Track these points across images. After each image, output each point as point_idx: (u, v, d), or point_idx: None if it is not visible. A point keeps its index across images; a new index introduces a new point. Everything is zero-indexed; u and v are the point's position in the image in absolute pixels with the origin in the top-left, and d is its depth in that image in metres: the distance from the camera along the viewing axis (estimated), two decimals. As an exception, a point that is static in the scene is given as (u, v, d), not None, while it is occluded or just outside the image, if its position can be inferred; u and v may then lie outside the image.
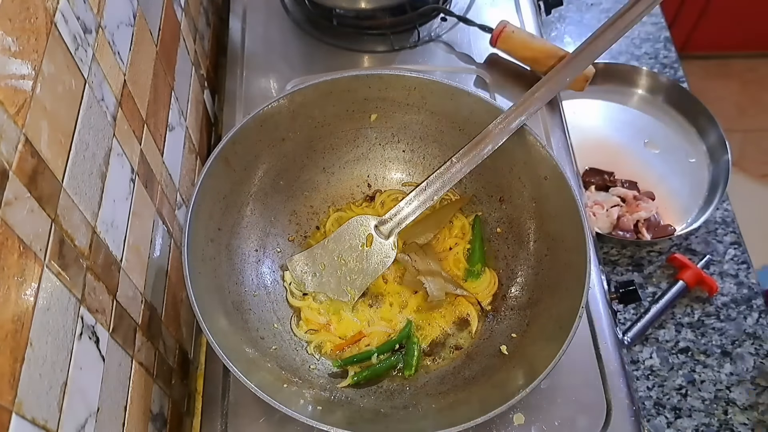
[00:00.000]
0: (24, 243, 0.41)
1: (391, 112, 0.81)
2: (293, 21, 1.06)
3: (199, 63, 0.93)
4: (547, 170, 0.73)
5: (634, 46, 1.23)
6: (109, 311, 0.55)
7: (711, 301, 0.94)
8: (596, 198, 1.04)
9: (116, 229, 0.58)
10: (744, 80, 2.36)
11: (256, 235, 0.79)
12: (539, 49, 0.95)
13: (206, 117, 0.96)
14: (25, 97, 0.43)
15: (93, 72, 0.54)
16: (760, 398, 0.86)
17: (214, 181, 0.71)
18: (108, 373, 0.54)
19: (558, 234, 0.73)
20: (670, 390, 0.87)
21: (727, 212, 1.03)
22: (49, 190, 0.46)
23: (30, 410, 0.41)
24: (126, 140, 0.61)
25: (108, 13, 0.59)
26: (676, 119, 1.14)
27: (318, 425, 0.59)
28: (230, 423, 0.70)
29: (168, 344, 0.70)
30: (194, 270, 0.65)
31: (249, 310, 0.73)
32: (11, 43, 0.42)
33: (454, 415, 0.63)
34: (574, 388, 0.72)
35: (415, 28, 1.03)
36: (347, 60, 1.01)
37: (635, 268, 0.97)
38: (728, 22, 2.14)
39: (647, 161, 1.10)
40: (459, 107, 0.78)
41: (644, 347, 0.90)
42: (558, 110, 0.95)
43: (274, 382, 0.66)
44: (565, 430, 0.70)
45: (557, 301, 0.69)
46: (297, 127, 0.79)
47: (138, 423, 0.60)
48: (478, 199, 0.83)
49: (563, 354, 0.61)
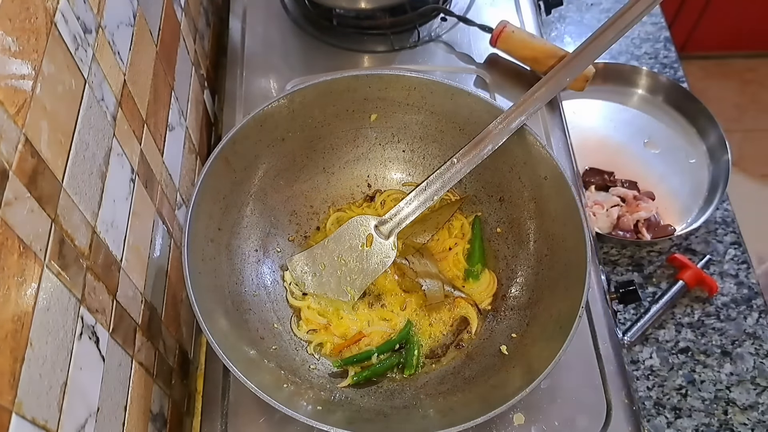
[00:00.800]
0: (24, 243, 0.41)
1: (391, 112, 0.81)
2: (293, 21, 1.06)
3: (199, 63, 0.93)
4: (547, 170, 0.73)
5: (634, 46, 1.23)
6: (109, 311, 0.55)
7: (711, 301, 0.94)
8: (596, 198, 1.04)
9: (116, 229, 0.58)
10: (744, 80, 2.36)
11: (256, 235, 0.79)
12: (539, 49, 0.95)
13: (206, 117, 0.96)
14: (25, 97, 0.43)
15: (93, 72, 0.54)
16: (760, 398, 0.86)
17: (214, 181, 0.71)
18: (108, 373, 0.54)
19: (558, 234, 0.73)
20: (670, 390, 0.87)
21: (727, 212, 1.03)
22: (49, 190, 0.46)
23: (30, 410, 0.41)
24: (126, 140, 0.61)
25: (108, 13, 0.59)
26: (676, 119, 1.14)
27: (318, 425, 0.59)
28: (230, 423, 0.70)
29: (168, 344, 0.70)
30: (194, 270, 0.65)
31: (249, 310, 0.73)
32: (11, 42, 0.42)
33: (454, 415, 0.63)
34: (574, 388, 0.72)
35: (415, 28, 1.03)
36: (347, 60, 1.01)
37: (635, 268, 0.97)
38: (728, 22, 2.14)
39: (647, 161, 1.10)
40: (459, 107, 0.78)
41: (644, 347, 0.90)
42: (558, 110, 0.95)
43: (274, 382, 0.66)
44: (565, 430, 0.70)
45: (557, 301, 0.69)
46: (297, 127, 0.79)
47: (138, 423, 0.60)
48: (478, 199, 0.83)
49: (563, 354, 0.61)
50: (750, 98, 2.33)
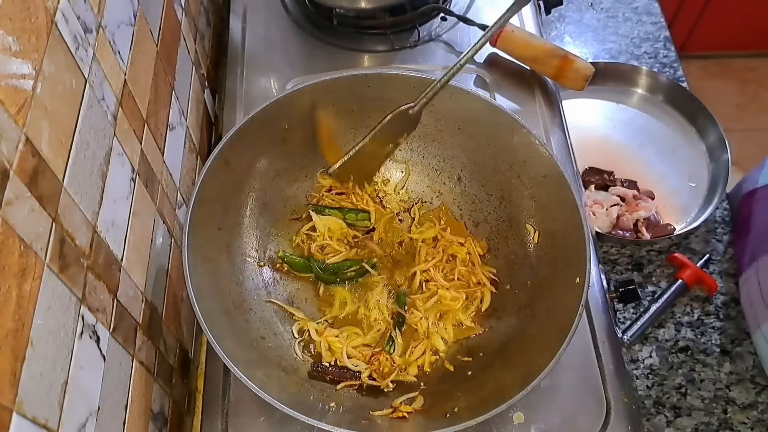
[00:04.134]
0: (25, 242, 0.42)
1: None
2: (293, 21, 1.06)
3: (199, 62, 0.94)
4: (546, 169, 0.73)
5: (634, 46, 1.23)
6: (109, 310, 0.55)
7: (711, 300, 0.94)
8: (596, 197, 1.04)
9: (117, 228, 0.58)
10: (743, 80, 2.36)
11: (256, 235, 0.79)
12: (539, 49, 0.95)
13: (207, 116, 0.96)
14: (26, 97, 0.43)
15: (93, 71, 0.54)
16: (759, 397, 0.86)
17: (214, 181, 0.71)
18: (109, 372, 0.54)
19: (558, 233, 0.73)
20: (670, 389, 0.87)
21: (726, 211, 1.03)
22: (50, 190, 0.46)
23: (31, 409, 0.41)
24: (126, 140, 0.61)
25: (108, 13, 0.59)
26: (675, 119, 1.14)
27: (318, 424, 0.59)
28: (231, 422, 0.70)
29: (168, 343, 0.70)
30: (194, 270, 0.65)
31: (249, 310, 0.74)
32: (12, 42, 0.42)
33: (454, 414, 0.63)
34: (574, 388, 0.72)
35: (415, 27, 1.03)
36: (347, 59, 1.01)
37: (635, 268, 0.97)
38: (728, 22, 2.14)
39: (647, 160, 1.10)
40: (458, 106, 0.78)
41: (644, 346, 0.90)
42: (558, 110, 0.95)
43: (274, 381, 0.66)
44: (564, 429, 0.70)
45: (557, 301, 0.69)
46: (297, 127, 0.79)
47: (138, 422, 0.60)
48: (478, 198, 0.83)
49: (563, 353, 0.61)
50: (750, 98, 2.33)
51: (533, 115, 0.94)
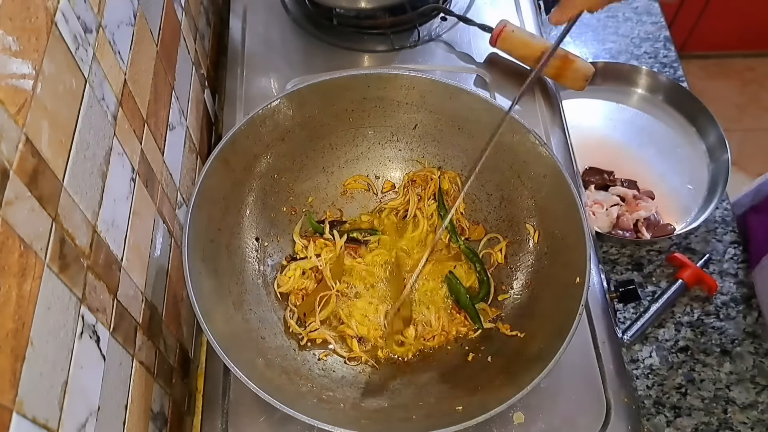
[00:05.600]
0: (25, 242, 0.42)
1: (390, 111, 0.81)
2: (293, 21, 1.06)
3: (199, 62, 0.93)
4: (546, 169, 0.73)
5: (634, 46, 1.23)
6: (109, 310, 0.55)
7: (711, 300, 0.94)
8: (596, 197, 1.04)
9: (117, 228, 0.58)
10: (743, 79, 2.36)
11: (256, 235, 0.79)
12: (539, 49, 0.95)
13: (207, 116, 0.96)
14: (26, 97, 0.43)
15: (93, 71, 0.54)
16: (759, 397, 0.86)
17: (214, 181, 0.71)
18: (109, 372, 0.54)
19: (558, 233, 0.73)
20: (670, 389, 0.87)
21: (726, 211, 1.03)
22: (50, 190, 0.46)
23: (31, 409, 0.41)
24: (126, 140, 0.61)
25: (108, 13, 0.59)
26: (675, 118, 1.14)
27: (318, 424, 0.59)
28: (231, 422, 0.70)
29: (168, 343, 0.70)
30: (194, 270, 0.65)
31: (249, 310, 0.74)
32: (12, 42, 0.42)
33: (454, 413, 0.63)
34: (574, 388, 0.72)
35: (415, 27, 1.03)
36: (347, 59, 1.01)
37: (635, 268, 0.97)
38: (728, 22, 2.14)
39: (647, 160, 1.10)
40: (458, 106, 0.78)
41: (644, 346, 0.90)
42: (558, 109, 0.95)
43: (274, 381, 0.66)
44: (564, 429, 0.70)
45: (557, 301, 0.69)
46: (297, 127, 0.79)
47: (139, 422, 0.60)
48: (478, 198, 0.83)
49: (563, 353, 0.61)
50: (750, 98, 2.33)
51: (533, 115, 0.94)
